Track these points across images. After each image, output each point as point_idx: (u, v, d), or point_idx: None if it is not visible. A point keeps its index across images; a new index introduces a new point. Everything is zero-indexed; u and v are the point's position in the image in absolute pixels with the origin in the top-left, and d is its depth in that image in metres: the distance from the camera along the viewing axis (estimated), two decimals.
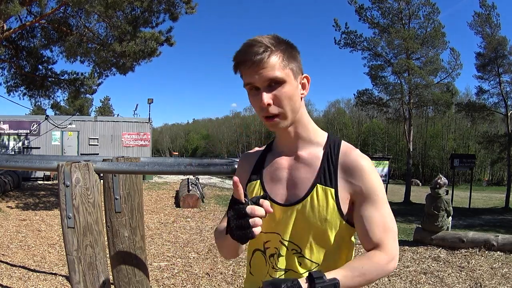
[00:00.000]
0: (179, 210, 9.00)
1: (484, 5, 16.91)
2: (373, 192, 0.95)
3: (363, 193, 0.95)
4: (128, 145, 16.40)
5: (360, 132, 50.50)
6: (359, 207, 0.95)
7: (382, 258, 0.91)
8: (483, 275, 4.28)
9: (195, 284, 3.94)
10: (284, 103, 0.92)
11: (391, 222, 0.97)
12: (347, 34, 18.85)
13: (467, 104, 19.23)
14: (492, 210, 15.44)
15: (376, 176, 0.97)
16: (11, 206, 8.87)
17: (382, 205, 0.96)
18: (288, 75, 0.92)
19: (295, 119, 0.97)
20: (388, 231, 0.95)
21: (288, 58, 0.93)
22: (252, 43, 0.91)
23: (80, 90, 11.28)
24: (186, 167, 1.98)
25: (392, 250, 0.94)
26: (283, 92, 0.91)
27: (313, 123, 1.03)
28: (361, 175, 0.95)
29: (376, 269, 0.90)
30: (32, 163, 2.46)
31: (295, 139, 1.01)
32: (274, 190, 1.01)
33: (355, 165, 0.96)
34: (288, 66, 0.92)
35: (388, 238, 0.94)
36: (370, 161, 0.98)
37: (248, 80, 0.92)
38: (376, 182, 0.96)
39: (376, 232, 0.94)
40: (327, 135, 1.04)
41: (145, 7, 9.09)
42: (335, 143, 1.01)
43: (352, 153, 0.98)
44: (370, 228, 0.94)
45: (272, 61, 0.90)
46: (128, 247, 2.25)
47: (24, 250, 5.20)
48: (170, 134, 74.50)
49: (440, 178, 5.81)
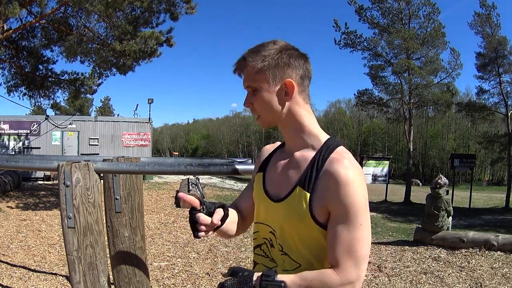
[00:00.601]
0: (179, 210, 9.00)
1: (484, 5, 16.90)
2: (346, 209, 0.90)
3: (336, 208, 0.92)
4: (128, 145, 16.40)
5: (360, 132, 50.48)
6: (331, 220, 0.93)
7: (334, 279, 0.88)
8: (483, 275, 4.28)
9: (195, 284, 3.94)
10: (260, 107, 1.02)
11: (360, 246, 0.90)
12: (347, 35, 18.83)
13: (467, 104, 19.22)
14: (492, 210, 15.44)
15: (355, 192, 0.91)
16: (12, 206, 8.88)
17: (354, 226, 0.90)
18: (263, 83, 1.00)
19: (278, 122, 1.04)
20: (350, 255, 0.90)
21: (266, 66, 0.99)
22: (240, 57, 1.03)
23: (80, 90, 11.28)
24: (186, 167, 1.98)
25: (349, 275, 0.89)
26: (258, 98, 1.01)
27: (313, 126, 1.05)
28: (338, 188, 0.91)
29: (323, 286, 0.88)
30: (32, 163, 2.46)
31: (294, 140, 1.06)
32: (270, 185, 1.08)
33: (334, 175, 0.92)
34: (264, 74, 0.99)
35: (348, 261, 0.89)
36: (358, 174, 0.93)
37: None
38: (352, 198, 0.90)
39: (337, 251, 0.91)
40: (326, 139, 1.03)
41: (145, 7, 9.09)
42: (329, 148, 0.99)
43: (338, 162, 0.94)
44: (333, 246, 0.91)
45: (246, 71, 1.01)
46: (128, 247, 2.25)
47: (24, 250, 5.20)
48: (170, 134, 74.50)
49: (440, 178, 5.82)
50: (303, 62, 1.02)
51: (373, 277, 4.21)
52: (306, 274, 0.91)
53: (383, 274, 4.33)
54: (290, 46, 1.03)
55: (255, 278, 0.90)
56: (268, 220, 1.05)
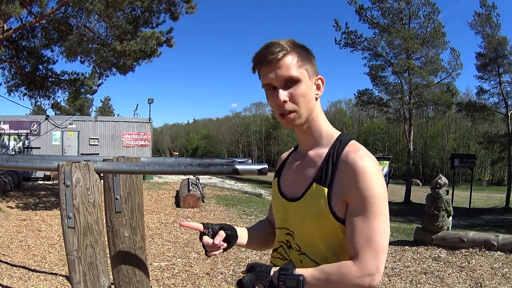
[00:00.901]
0: (180, 210, 9.00)
1: (484, 5, 16.92)
2: (364, 199, 0.89)
3: (354, 198, 0.91)
4: (129, 145, 16.41)
5: (361, 132, 50.51)
6: (349, 212, 0.92)
7: (352, 271, 0.87)
8: (483, 275, 4.28)
9: (196, 284, 3.94)
10: (299, 101, 0.97)
11: (378, 237, 0.89)
12: (348, 34, 18.87)
13: (468, 104, 19.24)
14: (493, 210, 15.45)
15: (375, 182, 0.90)
16: (12, 206, 8.88)
17: (373, 215, 0.89)
18: (303, 75, 0.97)
19: (309, 117, 1.01)
20: (370, 245, 0.88)
21: (303, 59, 0.98)
22: (269, 45, 0.97)
23: (80, 90, 11.28)
24: (187, 167, 1.98)
25: (369, 266, 0.87)
26: (298, 90, 0.96)
27: (328, 125, 1.05)
28: (356, 177, 0.90)
29: (341, 280, 0.88)
30: (33, 163, 2.46)
31: (308, 139, 1.05)
32: (285, 187, 1.08)
33: (351, 165, 0.92)
34: (303, 67, 0.98)
35: (368, 252, 0.88)
36: (375, 163, 0.93)
37: (265, 81, 0.98)
38: (372, 187, 0.89)
39: (356, 242, 0.89)
40: (338, 135, 1.03)
41: (145, 7, 9.09)
42: (342, 142, 0.99)
43: (354, 153, 0.94)
44: (352, 237, 0.90)
45: (288, 61, 0.96)
46: (128, 247, 2.25)
47: (24, 250, 5.20)
48: (170, 134, 74.56)
49: (440, 178, 5.81)
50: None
51: None
52: (325, 267, 0.91)
53: (383, 274, 4.33)
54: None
55: (272, 273, 0.91)
56: (284, 223, 1.06)
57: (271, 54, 0.95)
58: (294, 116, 0.98)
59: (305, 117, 0.99)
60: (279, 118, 1.00)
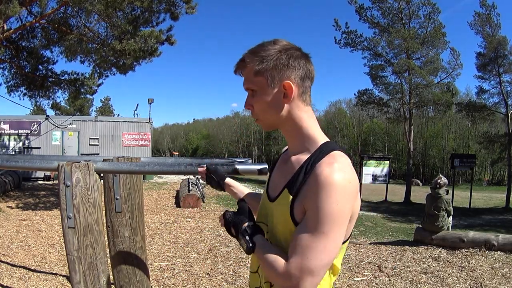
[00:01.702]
0: (180, 210, 9.00)
1: (484, 5, 16.90)
2: (315, 213, 0.85)
3: (308, 208, 0.88)
4: (129, 145, 16.41)
5: (361, 132, 50.47)
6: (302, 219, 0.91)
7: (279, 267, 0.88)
8: (483, 275, 4.28)
9: (196, 284, 3.94)
10: (258, 109, 1.02)
11: (311, 254, 0.85)
12: (347, 34, 18.84)
13: (468, 104, 19.22)
14: (493, 210, 15.45)
15: (331, 198, 0.84)
16: (12, 206, 8.88)
17: (317, 231, 0.85)
18: (261, 85, 0.99)
19: (278, 125, 1.04)
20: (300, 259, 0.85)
21: (265, 68, 0.97)
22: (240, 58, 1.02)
23: (80, 90, 11.28)
24: (187, 167, 1.98)
25: (290, 277, 0.86)
26: (256, 99, 1.01)
27: (312, 129, 1.01)
28: (316, 189, 0.86)
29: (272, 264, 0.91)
30: (33, 163, 2.46)
31: (291, 143, 1.06)
32: (271, 186, 1.10)
33: (317, 176, 0.87)
34: (262, 75, 0.97)
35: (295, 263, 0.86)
36: (344, 180, 0.86)
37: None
38: (325, 204, 0.84)
39: (292, 250, 0.88)
40: (321, 144, 0.99)
41: (145, 7, 9.08)
42: (322, 152, 0.95)
43: (326, 165, 0.89)
44: (292, 242, 0.90)
45: (245, 73, 1.01)
46: (128, 247, 2.25)
47: (24, 250, 5.20)
48: (170, 134, 74.53)
49: (440, 178, 5.81)
50: (303, 63, 0.98)
51: (373, 277, 4.21)
52: (273, 247, 0.96)
53: (383, 274, 4.33)
54: (291, 45, 0.99)
55: (243, 225, 1.00)
56: (264, 218, 1.09)
57: (236, 65, 1.03)
58: (258, 121, 1.05)
59: (267, 123, 1.04)
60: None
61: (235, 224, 1.01)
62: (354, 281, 4.09)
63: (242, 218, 1.01)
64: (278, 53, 0.97)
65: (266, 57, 0.97)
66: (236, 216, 1.03)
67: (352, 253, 5.28)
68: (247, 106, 1.04)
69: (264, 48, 0.98)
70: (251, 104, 1.02)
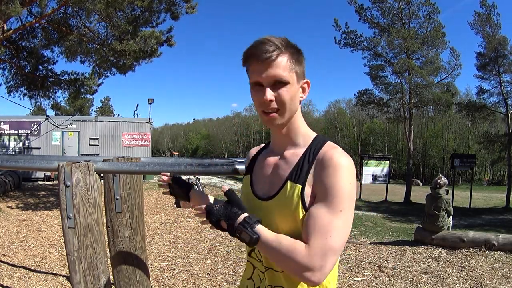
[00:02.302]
0: (180, 210, 8.99)
1: (484, 5, 16.89)
2: (330, 191, 0.90)
3: (321, 188, 0.92)
4: (129, 145, 16.41)
5: (361, 132, 50.45)
6: (315, 201, 0.93)
7: (301, 252, 0.88)
8: (483, 275, 4.28)
9: (196, 284, 3.93)
10: (285, 103, 0.97)
11: (332, 232, 0.88)
12: (347, 34, 18.82)
13: (468, 104, 19.20)
14: (493, 210, 15.44)
15: (344, 178, 0.90)
16: (12, 206, 8.88)
17: (334, 210, 0.89)
18: (292, 77, 0.98)
19: (290, 119, 1.02)
20: (323, 238, 0.87)
21: (295, 61, 0.99)
22: (264, 41, 0.96)
23: (80, 90, 11.29)
24: (187, 167, 1.98)
25: (315, 258, 0.86)
26: (286, 92, 0.97)
27: (306, 126, 1.07)
28: (327, 170, 0.92)
29: (289, 255, 0.88)
30: (33, 163, 2.46)
31: (285, 139, 1.06)
32: (259, 185, 1.07)
33: (327, 160, 0.93)
34: (293, 69, 0.98)
35: (319, 244, 0.87)
36: (350, 163, 0.93)
37: (255, 78, 0.98)
38: (339, 182, 0.90)
39: (312, 229, 0.89)
40: (315, 136, 1.05)
41: (145, 7, 9.09)
42: (319, 143, 1.01)
43: (331, 151, 0.96)
44: (309, 223, 0.90)
45: (280, 62, 0.95)
46: (128, 247, 2.25)
47: (24, 250, 5.20)
48: (170, 134, 74.49)
49: (440, 178, 5.81)
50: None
51: (373, 277, 4.21)
52: (282, 237, 0.92)
53: (384, 274, 4.33)
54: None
55: (240, 219, 0.93)
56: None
57: (265, 52, 0.94)
58: (277, 116, 0.99)
59: (287, 118, 1.00)
60: (261, 115, 1.00)
61: (229, 217, 0.94)
62: (354, 281, 4.09)
63: (236, 210, 0.95)
64: (300, 51, 1.02)
65: (299, 52, 1.01)
66: (227, 208, 0.95)
67: (352, 253, 5.28)
68: (272, 96, 0.96)
69: (290, 42, 1.00)
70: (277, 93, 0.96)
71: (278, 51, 0.95)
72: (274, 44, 0.95)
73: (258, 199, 1.05)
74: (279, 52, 0.95)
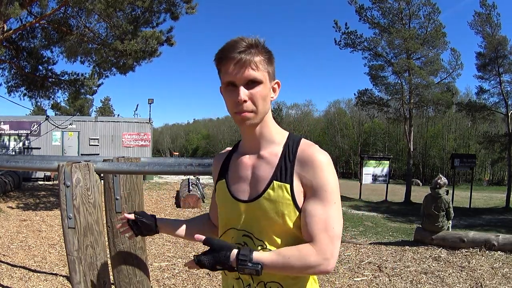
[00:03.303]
0: (180, 210, 9.00)
1: (484, 5, 16.90)
2: (321, 188, 0.96)
3: (312, 187, 0.97)
4: (129, 145, 16.41)
5: (361, 132, 50.45)
6: (306, 200, 0.98)
7: (311, 254, 0.92)
8: (483, 275, 4.28)
9: (196, 284, 3.93)
10: (259, 102, 0.98)
11: (333, 223, 0.95)
12: (348, 35, 18.84)
13: (468, 104, 19.21)
14: (493, 210, 15.44)
15: (329, 173, 0.97)
16: (12, 207, 8.88)
17: (329, 203, 0.96)
18: (265, 76, 1.00)
19: (263, 119, 1.03)
20: (327, 231, 0.94)
21: (267, 61, 1.01)
22: (237, 41, 0.98)
23: (80, 90, 11.29)
24: (187, 167, 1.98)
25: (326, 250, 0.93)
26: (259, 92, 0.98)
27: (276, 124, 1.08)
28: (313, 169, 0.97)
29: (300, 263, 0.92)
30: (33, 163, 2.46)
31: (259, 139, 1.06)
32: (238, 188, 1.06)
33: (309, 159, 0.98)
34: (266, 69, 1.00)
35: (325, 237, 0.94)
36: (328, 157, 1.00)
37: (228, 78, 0.98)
38: (327, 178, 0.97)
39: (314, 227, 0.95)
40: (288, 134, 1.07)
41: (145, 7, 9.09)
42: (295, 141, 1.04)
43: (310, 148, 1.00)
44: (309, 222, 0.95)
45: (253, 61, 0.97)
46: (128, 248, 2.25)
47: (24, 251, 5.20)
48: (170, 134, 74.50)
49: (440, 178, 5.80)
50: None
51: (373, 277, 4.21)
52: (284, 251, 0.95)
53: (384, 274, 4.33)
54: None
55: (232, 259, 0.94)
56: (241, 224, 1.04)
57: (238, 52, 0.96)
58: (251, 116, 0.99)
59: (260, 118, 1.01)
60: (235, 115, 1.00)
61: (221, 262, 0.94)
62: (354, 281, 4.09)
63: (224, 253, 0.94)
64: (270, 52, 1.03)
65: (270, 52, 1.02)
66: (215, 255, 0.96)
67: (352, 253, 5.28)
68: (245, 96, 0.96)
69: (262, 44, 1.01)
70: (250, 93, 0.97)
71: (251, 51, 0.97)
72: (246, 44, 0.97)
73: (239, 201, 1.04)
74: (252, 52, 0.97)
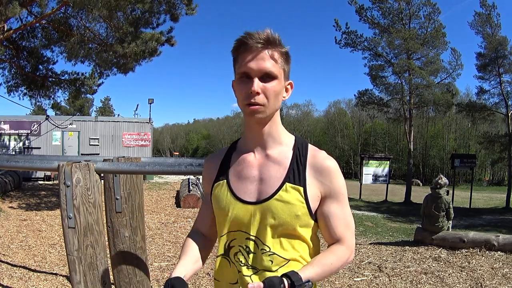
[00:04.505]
0: (180, 210, 9.00)
1: (484, 5, 16.89)
2: (339, 192, 1.03)
3: (330, 192, 1.03)
4: (129, 145, 16.41)
5: (361, 132, 50.43)
6: (326, 204, 1.03)
7: (345, 253, 1.03)
8: (483, 275, 4.27)
9: (196, 284, 3.93)
10: (271, 97, 0.97)
11: (351, 220, 1.07)
12: (348, 34, 18.82)
13: (468, 104, 19.19)
14: (493, 210, 15.43)
15: (341, 177, 1.06)
16: (12, 206, 8.88)
17: (345, 204, 1.05)
18: (281, 73, 0.99)
19: (272, 116, 1.02)
20: (349, 228, 1.05)
21: (285, 59, 1.00)
22: (258, 33, 0.96)
23: (80, 90, 11.29)
24: (187, 167, 1.98)
25: (352, 244, 1.06)
26: (273, 87, 0.97)
27: (282, 126, 1.09)
28: (329, 175, 1.03)
29: (341, 263, 1.02)
30: (33, 163, 2.46)
31: (266, 138, 1.05)
32: (242, 188, 1.03)
33: (323, 166, 1.03)
34: (283, 66, 1.00)
35: (348, 234, 1.05)
36: (336, 162, 1.07)
37: (244, 69, 0.96)
38: (341, 182, 1.05)
39: (339, 228, 1.03)
40: (295, 137, 1.09)
41: (146, 8, 9.09)
42: (303, 145, 1.07)
43: (320, 155, 1.05)
44: (334, 224, 1.03)
45: (271, 55, 0.96)
46: (128, 247, 2.25)
47: (24, 250, 5.20)
48: (170, 134, 74.48)
49: (440, 178, 5.80)
50: None
51: (373, 277, 4.21)
52: (322, 259, 0.99)
53: (384, 274, 4.33)
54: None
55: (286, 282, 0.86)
56: (245, 227, 1.00)
57: (259, 43, 0.94)
58: (261, 109, 0.97)
59: (269, 113, 0.99)
60: (245, 107, 0.97)
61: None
62: (354, 281, 4.09)
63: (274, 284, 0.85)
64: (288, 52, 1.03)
65: (288, 53, 1.02)
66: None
67: None
68: (258, 89, 0.95)
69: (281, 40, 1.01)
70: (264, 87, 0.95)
71: (272, 45, 0.96)
72: (268, 38, 0.95)
73: (245, 203, 1.00)
74: (272, 46, 0.96)
